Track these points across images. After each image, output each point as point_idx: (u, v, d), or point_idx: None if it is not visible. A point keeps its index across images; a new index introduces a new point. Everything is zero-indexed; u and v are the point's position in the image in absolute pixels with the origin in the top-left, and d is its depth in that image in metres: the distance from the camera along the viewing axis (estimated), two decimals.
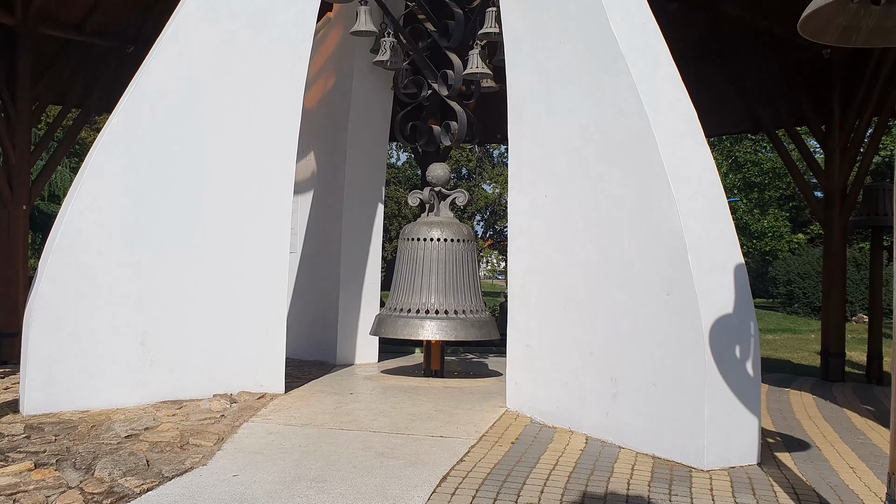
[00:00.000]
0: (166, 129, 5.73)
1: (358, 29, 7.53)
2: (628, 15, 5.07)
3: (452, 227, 7.39)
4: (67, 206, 5.43)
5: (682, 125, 4.84)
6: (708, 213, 4.65)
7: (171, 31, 5.79)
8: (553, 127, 5.45)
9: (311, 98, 8.45)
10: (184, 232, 5.80)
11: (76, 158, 26.14)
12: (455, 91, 7.76)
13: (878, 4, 2.81)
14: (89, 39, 10.23)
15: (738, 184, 32.56)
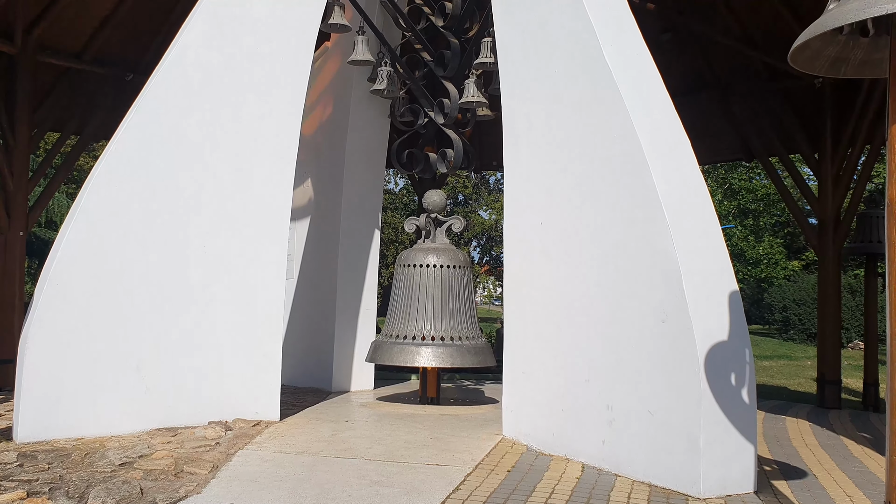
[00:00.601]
0: (163, 157, 5.76)
1: (355, 58, 7.62)
2: (622, 45, 5.15)
3: (448, 253, 7.41)
4: (64, 232, 5.44)
5: (675, 153, 4.89)
6: (702, 240, 4.68)
7: (169, 59, 5.85)
8: (548, 154, 5.49)
9: (308, 126, 8.51)
10: (180, 258, 5.82)
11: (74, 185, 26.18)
12: (451, 119, 7.83)
13: (866, 37, 2.86)
14: (88, 67, 10.32)
15: (733, 210, 32.68)
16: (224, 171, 6.02)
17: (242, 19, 6.10)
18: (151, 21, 10.39)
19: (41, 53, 9.68)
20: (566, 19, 5.28)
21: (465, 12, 7.77)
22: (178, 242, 5.80)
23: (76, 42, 10.18)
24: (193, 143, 5.89)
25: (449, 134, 7.90)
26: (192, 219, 5.87)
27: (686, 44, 10.56)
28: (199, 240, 5.90)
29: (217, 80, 5.99)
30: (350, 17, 7.72)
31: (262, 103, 6.18)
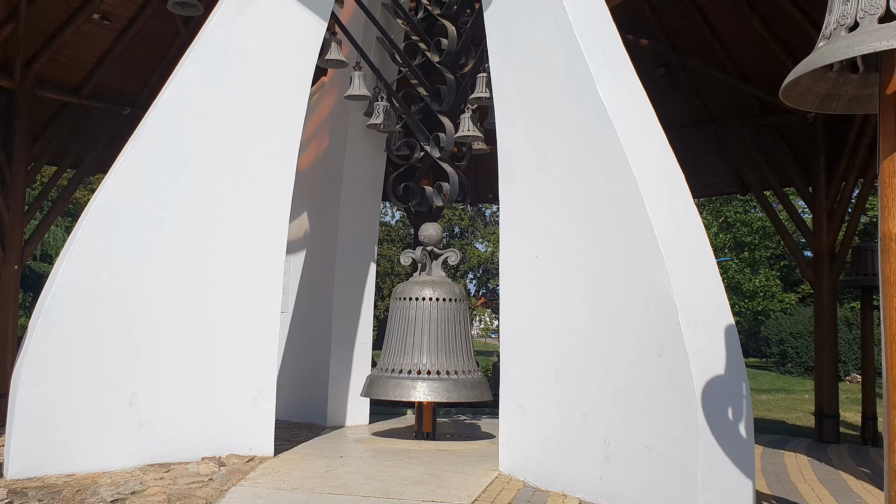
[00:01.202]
0: (160, 190, 5.78)
1: (352, 93, 7.68)
2: (616, 80, 5.20)
3: (444, 286, 7.40)
4: (59, 266, 5.43)
5: (669, 186, 4.91)
6: (697, 274, 4.68)
7: (166, 95, 5.89)
8: (543, 188, 5.52)
9: (305, 160, 8.55)
10: (175, 293, 5.80)
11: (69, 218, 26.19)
12: (447, 153, 7.88)
13: (856, 73, 2.89)
14: (86, 102, 10.40)
15: (729, 243, 32.78)
16: (220, 205, 6.03)
17: (239, 55, 6.15)
18: (149, 56, 10.49)
19: (39, 88, 9.75)
20: (560, 56, 5.34)
21: (460, 48, 7.85)
22: (173, 277, 5.79)
23: (74, 77, 10.26)
24: (190, 178, 5.91)
25: (445, 167, 7.94)
26: (187, 253, 5.87)
27: (680, 79, 10.68)
28: (195, 274, 5.89)
29: (213, 116, 6.03)
30: (347, 52, 7.80)
31: (258, 138, 6.21)
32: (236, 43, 6.15)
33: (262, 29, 6.25)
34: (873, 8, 2.46)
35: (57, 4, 9.39)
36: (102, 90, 10.50)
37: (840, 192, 9.54)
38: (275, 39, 6.33)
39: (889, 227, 2.51)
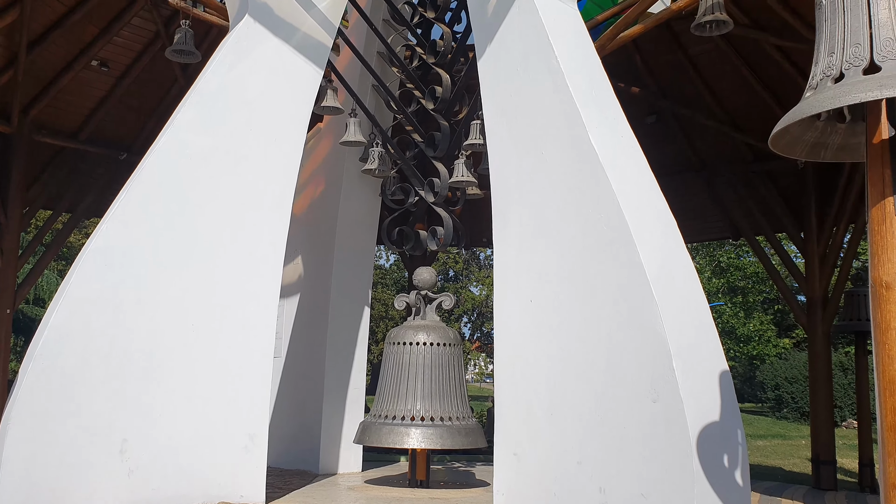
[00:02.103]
0: (155, 235, 5.78)
1: (347, 139, 7.75)
2: (608, 127, 5.27)
3: (439, 330, 7.38)
4: (52, 310, 5.41)
5: (661, 232, 4.95)
6: (691, 319, 4.69)
7: (163, 141, 5.94)
8: (537, 233, 5.55)
9: (300, 204, 8.60)
10: (168, 338, 5.77)
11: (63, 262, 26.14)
12: (441, 198, 7.93)
13: (843, 123, 2.94)
14: (83, 147, 10.48)
15: (722, 288, 32.83)
16: (215, 250, 6.04)
17: (237, 102, 6.22)
18: (146, 102, 10.61)
19: (37, 133, 9.83)
20: (553, 103, 5.42)
21: (454, 96, 7.96)
22: (166, 322, 5.77)
23: (72, 122, 10.35)
24: (185, 223, 5.92)
25: (439, 212, 7.98)
26: (181, 298, 5.85)
27: (671, 126, 10.83)
28: (188, 319, 5.87)
29: (209, 161, 6.07)
30: (342, 99, 7.90)
31: (254, 183, 6.25)
32: (233, 90, 6.22)
33: (259, 77, 6.33)
34: (857, 60, 2.52)
35: (56, 52, 9.52)
36: (99, 135, 10.59)
37: (832, 238, 9.61)
38: (271, 87, 6.41)
39: (879, 274, 2.53)
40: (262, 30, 6.29)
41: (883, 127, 2.57)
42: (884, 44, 2.47)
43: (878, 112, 2.59)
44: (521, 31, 5.76)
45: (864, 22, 2.55)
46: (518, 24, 5.80)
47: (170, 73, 10.28)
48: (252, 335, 6.13)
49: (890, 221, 2.50)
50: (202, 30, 9.56)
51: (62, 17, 9.17)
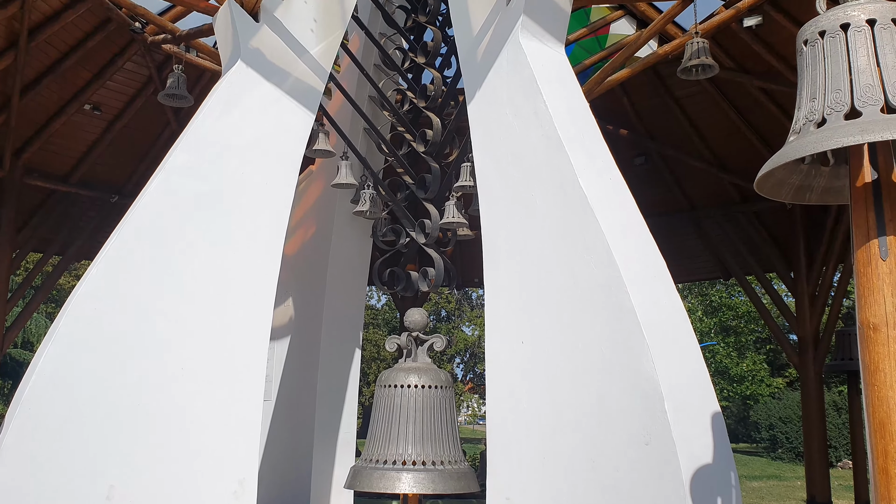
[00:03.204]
0: (145, 278, 5.77)
1: (339, 182, 7.79)
2: (596, 170, 5.32)
3: (430, 373, 7.32)
4: (41, 354, 5.36)
5: (651, 274, 4.97)
6: (682, 361, 4.69)
7: (153, 185, 5.95)
8: (527, 275, 5.56)
9: (291, 245, 8.60)
10: (157, 382, 5.71)
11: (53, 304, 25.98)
12: (432, 239, 7.95)
13: (827, 166, 2.99)
14: (74, 190, 10.50)
15: (715, 327, 32.84)
16: (205, 293, 6.02)
17: (228, 147, 6.26)
18: (138, 145, 10.67)
19: (28, 176, 9.86)
20: (541, 147, 5.48)
21: (445, 139, 8.03)
22: (155, 365, 5.72)
23: (63, 165, 10.39)
24: (175, 267, 5.91)
25: (430, 253, 7.99)
26: (170, 341, 5.81)
27: (659, 168, 10.95)
28: (177, 362, 5.82)
29: (200, 205, 6.08)
30: (334, 142, 7.95)
31: (244, 227, 6.26)
32: (225, 135, 6.26)
33: (251, 121, 6.39)
34: (839, 105, 2.57)
35: (49, 96, 9.59)
36: (90, 178, 10.62)
37: (821, 277, 9.67)
38: (264, 132, 6.45)
39: (867, 315, 2.55)
40: (255, 75, 6.36)
41: (865, 171, 2.61)
42: (864, 90, 2.52)
43: (860, 156, 2.64)
44: (510, 75, 5.84)
45: (843, 68, 2.61)
46: (506, 69, 5.89)
47: (162, 117, 10.36)
48: (242, 378, 6.08)
49: (875, 263, 2.53)
50: (195, 74, 9.66)
51: (56, 62, 9.26)
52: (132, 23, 8.87)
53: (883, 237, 2.53)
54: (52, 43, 9.00)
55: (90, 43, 9.12)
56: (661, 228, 7.15)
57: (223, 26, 6.46)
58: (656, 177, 10.90)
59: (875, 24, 2.60)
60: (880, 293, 2.51)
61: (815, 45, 2.73)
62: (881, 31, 2.59)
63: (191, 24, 8.72)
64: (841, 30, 2.65)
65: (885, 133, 2.38)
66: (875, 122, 2.44)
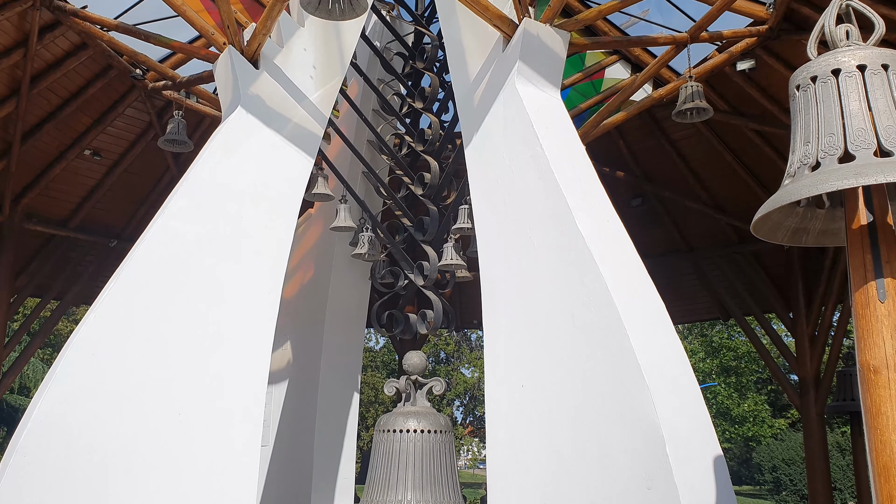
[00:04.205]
0: (143, 323, 5.75)
1: (338, 225, 7.82)
2: (592, 212, 5.34)
3: (429, 417, 7.27)
4: (37, 400, 5.31)
5: (651, 315, 4.96)
6: (683, 403, 4.65)
7: (153, 230, 5.96)
8: (526, 317, 5.55)
9: (290, 288, 8.59)
10: (154, 428, 5.66)
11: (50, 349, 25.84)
12: (430, 281, 7.95)
13: (822, 209, 3.01)
14: (73, 234, 10.51)
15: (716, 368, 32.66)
16: (203, 337, 5.99)
17: (228, 192, 6.29)
18: (138, 190, 10.72)
19: (27, 221, 9.88)
20: (538, 189, 5.51)
21: (442, 182, 8.09)
22: (153, 412, 5.67)
23: (62, 210, 10.42)
24: (173, 311, 5.90)
25: (429, 295, 7.99)
26: (168, 387, 5.77)
27: (656, 209, 10.99)
28: (175, 408, 5.77)
29: (199, 250, 6.09)
30: (333, 186, 8.00)
31: (243, 271, 6.26)
32: (225, 180, 6.30)
33: (251, 167, 6.43)
34: (832, 149, 2.60)
35: (49, 142, 9.66)
36: (90, 223, 10.64)
37: (821, 317, 9.65)
38: (263, 176, 6.49)
39: (866, 358, 2.54)
40: (255, 120, 6.42)
41: (861, 213, 2.63)
42: (856, 134, 2.55)
43: (855, 199, 2.66)
44: (506, 120, 5.91)
45: (836, 113, 2.64)
46: (503, 113, 5.95)
47: (162, 162, 10.42)
48: (239, 424, 6.02)
49: (874, 306, 2.53)
50: (195, 120, 9.75)
51: (57, 108, 9.35)
52: (133, 69, 8.98)
53: (880, 279, 2.54)
54: (53, 90, 9.09)
55: (91, 89, 9.22)
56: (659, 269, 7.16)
57: (223, 73, 6.55)
58: (654, 218, 10.94)
59: (865, 70, 2.64)
60: (879, 335, 2.51)
61: (808, 90, 2.77)
62: (872, 76, 2.63)
63: (191, 71, 8.84)
64: (832, 75, 2.69)
65: (879, 176, 2.40)
66: (869, 166, 2.46)
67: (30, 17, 8.01)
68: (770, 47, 8.21)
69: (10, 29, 8.14)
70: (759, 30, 7.93)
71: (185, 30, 8.29)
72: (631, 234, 5.39)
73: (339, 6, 5.25)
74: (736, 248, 10.43)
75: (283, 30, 6.58)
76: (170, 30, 8.09)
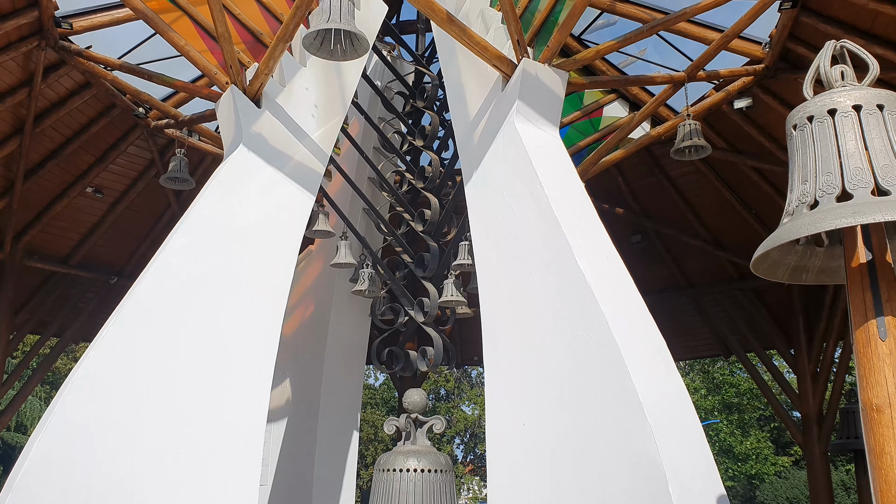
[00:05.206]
0: (142, 362, 5.73)
1: (338, 261, 7.84)
2: (592, 249, 5.35)
3: (430, 456, 7.20)
4: (34, 441, 5.27)
5: (652, 352, 4.94)
6: (685, 441, 4.61)
7: (154, 267, 5.96)
8: (527, 355, 5.53)
9: (289, 325, 8.57)
10: (152, 467, 5.60)
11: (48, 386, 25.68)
12: (431, 317, 7.94)
13: (821, 246, 3.02)
14: (73, 271, 10.51)
15: (718, 405, 32.40)
16: (201, 375, 5.96)
17: (229, 229, 6.30)
18: (139, 227, 10.75)
19: (28, 258, 9.88)
20: (538, 227, 5.53)
21: (442, 218, 8.12)
22: (150, 451, 5.62)
23: (63, 247, 10.44)
24: (173, 351, 5.87)
25: (429, 332, 7.97)
26: (166, 425, 5.73)
27: (655, 245, 11.01)
28: (173, 447, 5.72)
29: (200, 288, 6.09)
30: (334, 223, 8.03)
31: (244, 309, 6.25)
32: (226, 217, 6.32)
33: (252, 205, 6.45)
34: (830, 188, 2.62)
35: (52, 179, 9.71)
36: (90, 259, 10.66)
37: (822, 353, 9.61)
38: (264, 214, 6.51)
39: (868, 396, 2.54)
40: (256, 158, 6.46)
41: (860, 252, 2.64)
42: (853, 173, 2.57)
43: (854, 237, 2.67)
44: (506, 158, 5.95)
45: (833, 152, 2.67)
46: (502, 151, 6.00)
47: (163, 199, 10.47)
48: (237, 463, 5.97)
49: (875, 344, 2.53)
50: (196, 157, 9.82)
51: (60, 146, 9.42)
52: (136, 108, 9.07)
53: (881, 317, 2.54)
54: (56, 128, 9.17)
55: (94, 128, 9.29)
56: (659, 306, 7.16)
57: (226, 111, 6.61)
58: (653, 254, 10.96)
59: (861, 110, 2.67)
60: (881, 374, 2.50)
61: (805, 129, 2.80)
62: (867, 116, 2.66)
63: (194, 110, 8.93)
64: (828, 115, 2.72)
65: (878, 215, 2.42)
66: (867, 205, 2.48)
67: (35, 56, 8.11)
68: (767, 86, 8.30)
69: (15, 69, 8.23)
70: (756, 69, 8.03)
71: (187, 69, 8.38)
72: (631, 270, 5.39)
73: (340, 47, 5.33)
74: (736, 284, 10.43)
75: (286, 70, 6.66)
76: (173, 69, 8.20)
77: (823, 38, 3.51)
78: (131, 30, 9.67)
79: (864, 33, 7.12)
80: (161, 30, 6.64)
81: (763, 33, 8.06)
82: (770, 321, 10.11)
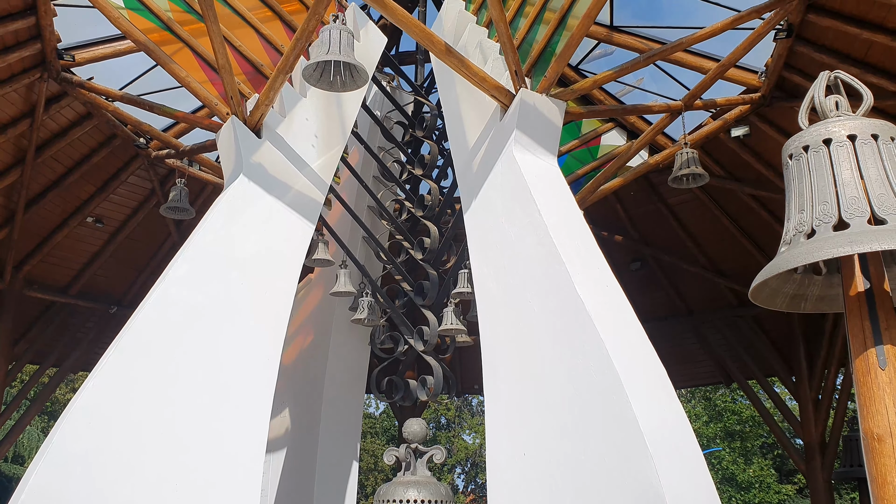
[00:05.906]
0: (141, 392, 5.70)
1: (338, 290, 7.83)
2: (591, 277, 5.36)
3: (430, 487, 7.15)
4: (33, 470, 5.23)
5: (652, 381, 4.92)
6: (687, 470, 4.58)
7: (153, 297, 5.97)
8: (527, 383, 5.51)
9: (289, 354, 8.55)
10: (151, 498, 5.56)
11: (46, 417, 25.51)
12: (430, 346, 7.92)
13: (819, 275, 3.03)
14: (73, 301, 10.50)
15: (720, 433, 32.18)
16: (201, 407, 5.94)
17: (229, 259, 6.31)
18: (139, 257, 10.77)
19: (28, 288, 9.88)
20: (537, 255, 5.54)
21: (442, 246, 8.14)
22: (149, 482, 5.58)
23: (63, 277, 10.44)
24: (172, 381, 5.85)
25: (429, 361, 7.95)
26: (165, 457, 5.69)
27: (655, 272, 11.02)
28: (171, 478, 5.68)
29: (200, 317, 6.08)
30: (333, 251, 8.04)
31: (243, 338, 6.24)
32: (226, 247, 6.33)
33: (252, 234, 6.47)
34: (827, 217, 2.64)
35: (52, 209, 9.75)
36: (90, 289, 10.65)
37: (824, 380, 9.58)
38: (264, 243, 6.53)
39: (869, 426, 2.53)
40: (256, 188, 6.49)
41: (858, 280, 2.65)
42: (850, 202, 2.59)
43: (851, 266, 2.68)
44: (505, 186, 5.98)
45: (829, 181, 2.69)
46: (501, 180, 6.03)
47: (164, 229, 10.49)
48: (236, 493, 5.92)
49: (874, 373, 2.53)
50: (197, 187, 9.86)
51: (61, 176, 9.47)
52: (137, 138, 9.13)
53: (880, 346, 2.54)
54: (57, 158, 9.22)
55: (95, 158, 9.35)
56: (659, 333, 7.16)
57: (226, 142, 6.65)
58: (653, 282, 10.96)
59: (856, 140, 2.70)
60: (882, 403, 2.50)
61: (800, 158, 2.82)
62: (862, 145, 2.68)
63: (194, 140, 8.98)
64: (824, 145, 2.75)
65: (874, 244, 2.43)
66: (863, 234, 2.49)
67: (37, 88, 8.18)
68: (763, 114, 8.37)
69: (17, 100, 8.30)
70: (752, 97, 8.10)
71: (188, 100, 8.48)
72: (630, 298, 5.39)
73: (340, 78, 5.38)
74: (736, 311, 10.42)
75: (286, 100, 6.71)
76: (174, 100, 8.29)
77: (819, 67, 3.55)
78: (133, 61, 9.78)
79: (858, 62, 7.20)
80: (162, 61, 6.71)
81: (759, 62, 8.16)
82: (771, 348, 10.09)
